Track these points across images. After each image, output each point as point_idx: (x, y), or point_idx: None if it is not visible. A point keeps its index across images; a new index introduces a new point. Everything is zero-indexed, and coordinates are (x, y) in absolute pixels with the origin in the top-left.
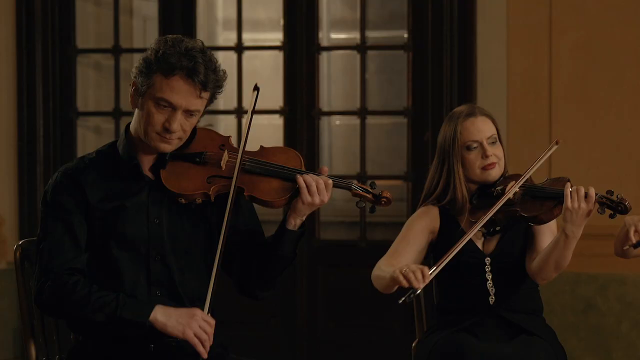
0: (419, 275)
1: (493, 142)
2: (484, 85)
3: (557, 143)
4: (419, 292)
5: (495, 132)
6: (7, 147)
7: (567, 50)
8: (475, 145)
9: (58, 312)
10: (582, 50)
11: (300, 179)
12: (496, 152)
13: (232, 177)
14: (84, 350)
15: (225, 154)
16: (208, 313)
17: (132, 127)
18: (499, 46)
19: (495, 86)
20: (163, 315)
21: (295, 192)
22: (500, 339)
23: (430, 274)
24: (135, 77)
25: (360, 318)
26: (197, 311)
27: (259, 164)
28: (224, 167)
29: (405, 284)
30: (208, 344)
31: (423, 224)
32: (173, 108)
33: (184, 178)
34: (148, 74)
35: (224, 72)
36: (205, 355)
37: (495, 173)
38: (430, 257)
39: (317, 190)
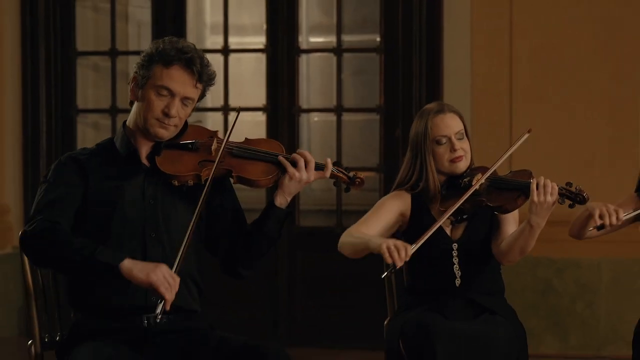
0: (402, 254)
1: (461, 138)
2: (449, 84)
3: (529, 132)
4: (398, 268)
5: (463, 128)
6: (13, 141)
7: (526, 52)
8: (444, 140)
9: (40, 250)
10: (539, 53)
11: (287, 157)
12: (463, 146)
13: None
14: (83, 326)
15: (215, 142)
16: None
17: (129, 121)
18: (463, 49)
19: (460, 86)
20: (130, 262)
21: (281, 173)
22: (466, 317)
23: (413, 249)
24: (136, 71)
25: (337, 298)
26: (163, 265)
27: (246, 150)
28: (214, 152)
29: (389, 260)
30: (173, 291)
31: (395, 204)
32: (172, 95)
33: (178, 162)
34: (149, 66)
35: (214, 71)
36: (170, 297)
37: (462, 165)
38: (400, 239)
39: (302, 166)
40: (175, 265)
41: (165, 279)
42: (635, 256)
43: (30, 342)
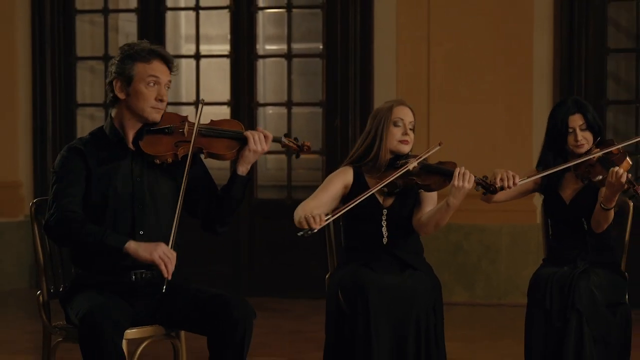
0: (317, 220)
1: (411, 128)
2: (379, 84)
3: (440, 144)
4: (315, 230)
5: (414, 122)
6: (25, 129)
7: (441, 57)
8: (400, 122)
9: (61, 236)
10: (452, 58)
11: (248, 132)
12: (411, 135)
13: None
14: (82, 280)
15: (187, 125)
16: (171, 248)
17: (115, 114)
18: (390, 55)
19: (387, 85)
20: (135, 244)
21: (242, 146)
22: (392, 271)
23: (327, 219)
24: (115, 76)
25: (288, 257)
26: (162, 244)
27: (213, 130)
28: (186, 134)
29: (305, 225)
30: (170, 266)
31: (340, 179)
32: (158, 83)
33: (158, 144)
34: (130, 67)
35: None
36: (168, 274)
37: (406, 148)
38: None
39: (260, 139)
40: (170, 241)
41: (165, 256)
42: (529, 223)
43: (38, 292)
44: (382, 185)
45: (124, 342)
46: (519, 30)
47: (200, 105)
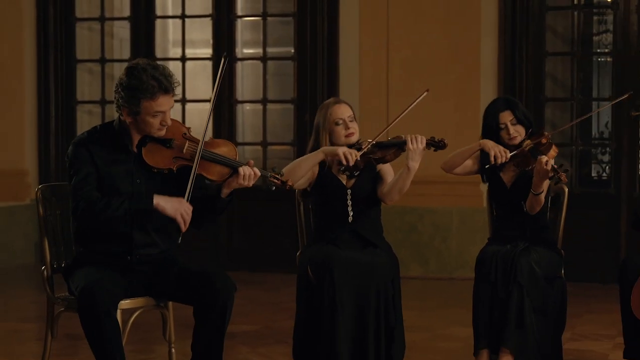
0: (353, 155)
1: (351, 120)
2: (344, 84)
3: (427, 91)
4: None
5: (352, 114)
6: (31, 124)
7: (398, 61)
8: (340, 121)
9: (91, 217)
10: (408, 62)
11: (241, 169)
12: (354, 126)
13: (189, 159)
14: (82, 257)
15: (187, 144)
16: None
17: (124, 120)
18: (354, 58)
19: (352, 85)
20: (162, 200)
21: (231, 175)
22: (355, 248)
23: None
24: (122, 104)
25: (263, 236)
26: (183, 201)
27: (211, 155)
28: (184, 152)
29: (344, 162)
30: (187, 221)
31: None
32: (163, 112)
33: (157, 156)
34: (136, 104)
35: (172, 73)
36: (184, 228)
37: (354, 139)
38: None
39: (249, 176)
40: (186, 195)
41: (185, 213)
42: (476, 206)
43: (43, 267)
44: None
45: (119, 312)
46: (468, 36)
47: (204, 134)
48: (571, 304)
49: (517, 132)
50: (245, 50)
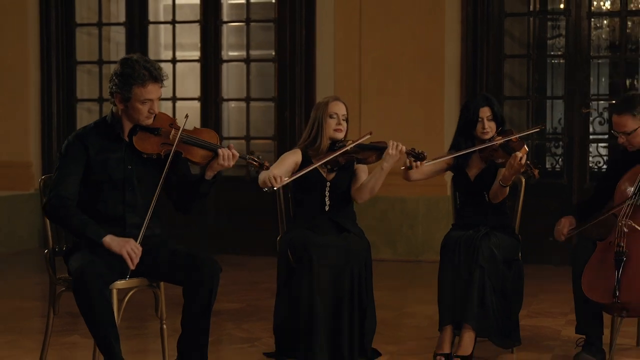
0: (278, 180)
1: (344, 119)
2: (320, 84)
3: (370, 133)
4: (275, 188)
5: (346, 114)
6: (35, 120)
7: (370, 62)
8: (335, 115)
9: (52, 217)
10: (379, 62)
11: (220, 150)
12: (344, 125)
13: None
14: (80, 243)
15: (173, 131)
16: (139, 243)
17: (116, 112)
18: (329, 60)
19: (327, 85)
20: (109, 238)
21: (213, 158)
22: (331, 233)
23: (286, 180)
24: (117, 90)
25: (246, 221)
26: (131, 240)
27: (193, 139)
28: (171, 138)
29: (269, 184)
30: (135, 260)
31: (292, 157)
32: (151, 100)
33: (147, 143)
34: (128, 88)
35: (162, 68)
36: (132, 267)
37: (340, 135)
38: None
39: (228, 157)
40: (139, 237)
41: (132, 251)
42: (441, 195)
43: (45, 250)
44: (326, 161)
45: (114, 292)
46: (433, 40)
47: (185, 119)
48: (527, 284)
49: (490, 128)
50: (230, 53)
